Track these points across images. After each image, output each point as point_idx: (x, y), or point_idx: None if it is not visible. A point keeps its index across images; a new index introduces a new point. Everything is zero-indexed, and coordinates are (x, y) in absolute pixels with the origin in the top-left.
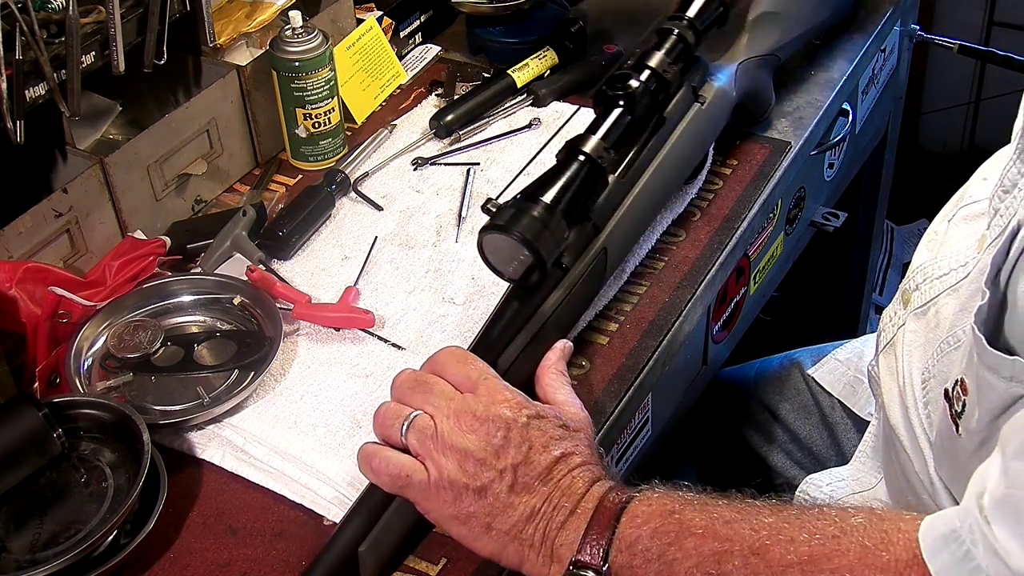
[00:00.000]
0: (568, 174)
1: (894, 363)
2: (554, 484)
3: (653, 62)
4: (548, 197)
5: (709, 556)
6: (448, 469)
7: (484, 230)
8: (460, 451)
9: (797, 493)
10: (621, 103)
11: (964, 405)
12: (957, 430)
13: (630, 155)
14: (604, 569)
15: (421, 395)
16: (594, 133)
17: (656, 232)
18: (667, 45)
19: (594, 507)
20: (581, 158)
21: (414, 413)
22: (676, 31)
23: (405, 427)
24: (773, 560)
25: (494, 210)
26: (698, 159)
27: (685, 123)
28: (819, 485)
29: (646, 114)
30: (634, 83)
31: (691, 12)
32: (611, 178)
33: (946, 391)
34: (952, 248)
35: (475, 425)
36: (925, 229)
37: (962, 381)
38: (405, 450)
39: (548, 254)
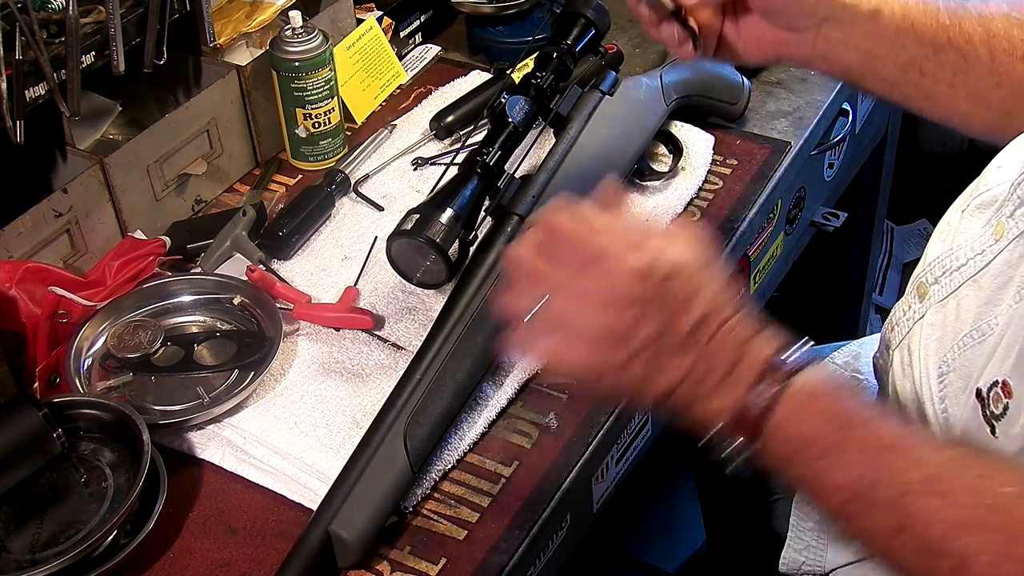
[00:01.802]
0: (463, 182)
1: (908, 358)
2: (698, 352)
3: (535, 80)
4: (446, 202)
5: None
6: (585, 355)
7: (389, 239)
8: (594, 337)
9: (796, 500)
10: (509, 120)
11: (1006, 408)
12: (993, 432)
13: (548, 151)
14: (754, 447)
15: (542, 281)
16: (488, 146)
17: None
18: (549, 66)
19: (748, 386)
20: (478, 169)
21: (541, 301)
22: (556, 54)
23: (530, 317)
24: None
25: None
26: (633, 141)
27: (597, 113)
28: None
29: (547, 117)
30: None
31: (569, 39)
32: (522, 175)
33: (978, 391)
34: (967, 237)
35: (600, 308)
36: (925, 229)
37: (1004, 383)
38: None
39: (446, 244)
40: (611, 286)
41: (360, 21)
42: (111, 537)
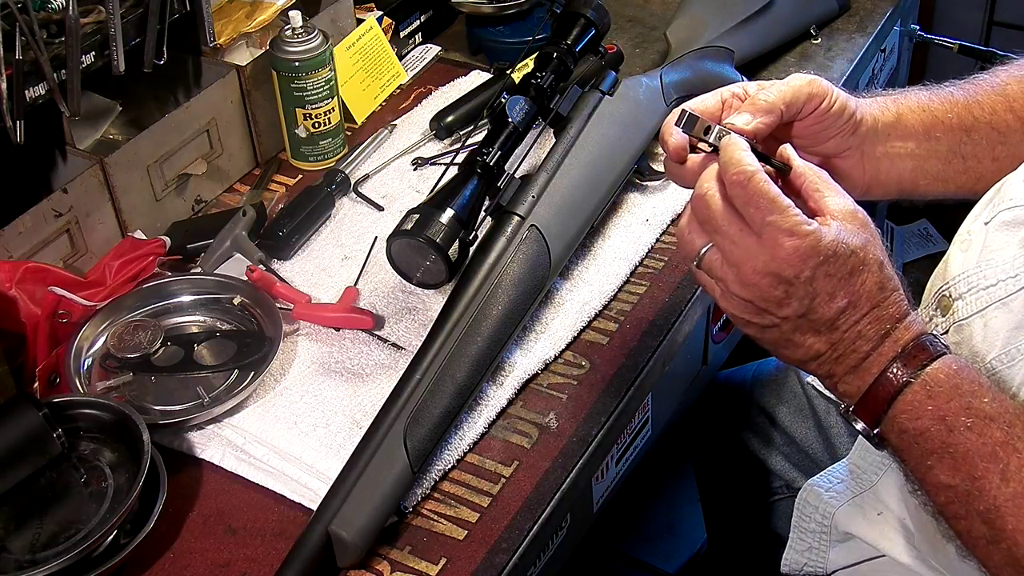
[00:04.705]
0: (463, 182)
1: None
2: (840, 334)
3: (535, 80)
4: (446, 202)
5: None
6: (734, 307)
7: (390, 239)
8: (742, 299)
9: (798, 501)
10: (509, 120)
11: None
12: None
13: (548, 151)
14: (874, 432)
15: (709, 232)
16: (488, 146)
17: (655, 231)
18: (549, 66)
19: (873, 379)
20: (478, 169)
21: (704, 248)
22: (555, 54)
23: (696, 262)
24: None
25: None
26: (633, 141)
27: (597, 113)
28: (820, 492)
29: (547, 117)
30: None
31: (569, 39)
32: (522, 176)
33: None
34: (997, 256)
35: (755, 278)
36: (925, 229)
37: None
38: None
39: (446, 244)
40: (769, 259)
41: (360, 21)
42: (111, 537)
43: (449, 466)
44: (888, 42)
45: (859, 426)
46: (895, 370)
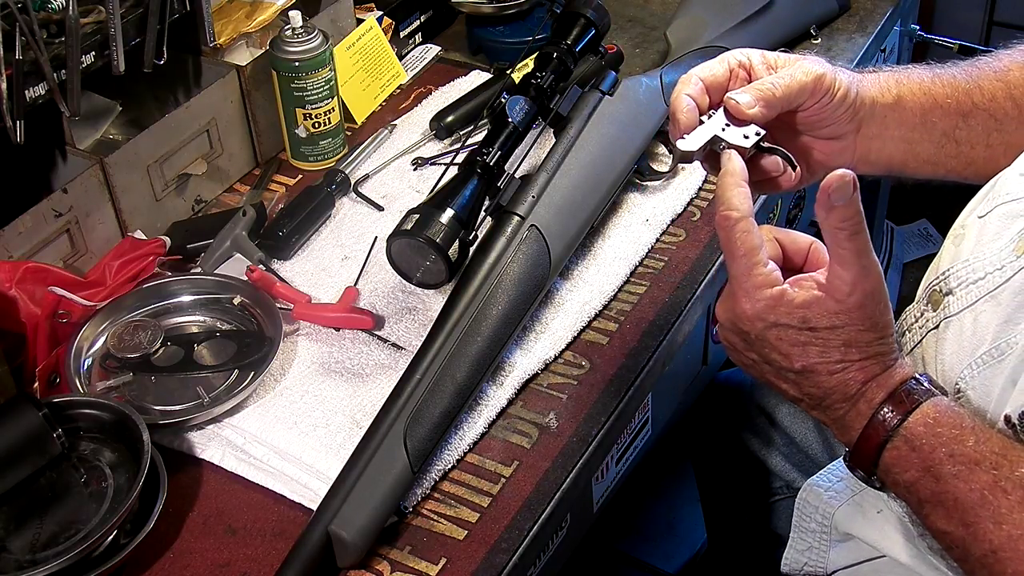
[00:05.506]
0: (463, 182)
1: (921, 367)
2: (808, 388)
3: (535, 80)
4: (446, 202)
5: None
6: (721, 336)
7: (390, 239)
8: (721, 329)
9: (798, 501)
10: (509, 120)
11: None
12: None
13: (548, 151)
14: (872, 478)
15: None
16: (488, 146)
17: (655, 231)
18: (549, 66)
19: (858, 435)
20: (478, 169)
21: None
22: (555, 54)
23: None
24: None
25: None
26: (633, 141)
27: (597, 113)
28: (819, 492)
29: (547, 117)
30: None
31: (569, 39)
32: (522, 175)
33: (1007, 417)
34: (987, 248)
35: (723, 319)
36: (925, 229)
37: None
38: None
39: (446, 244)
40: (730, 308)
41: (360, 21)
42: (111, 537)
43: (449, 466)
44: (888, 42)
45: (859, 475)
46: (875, 425)
